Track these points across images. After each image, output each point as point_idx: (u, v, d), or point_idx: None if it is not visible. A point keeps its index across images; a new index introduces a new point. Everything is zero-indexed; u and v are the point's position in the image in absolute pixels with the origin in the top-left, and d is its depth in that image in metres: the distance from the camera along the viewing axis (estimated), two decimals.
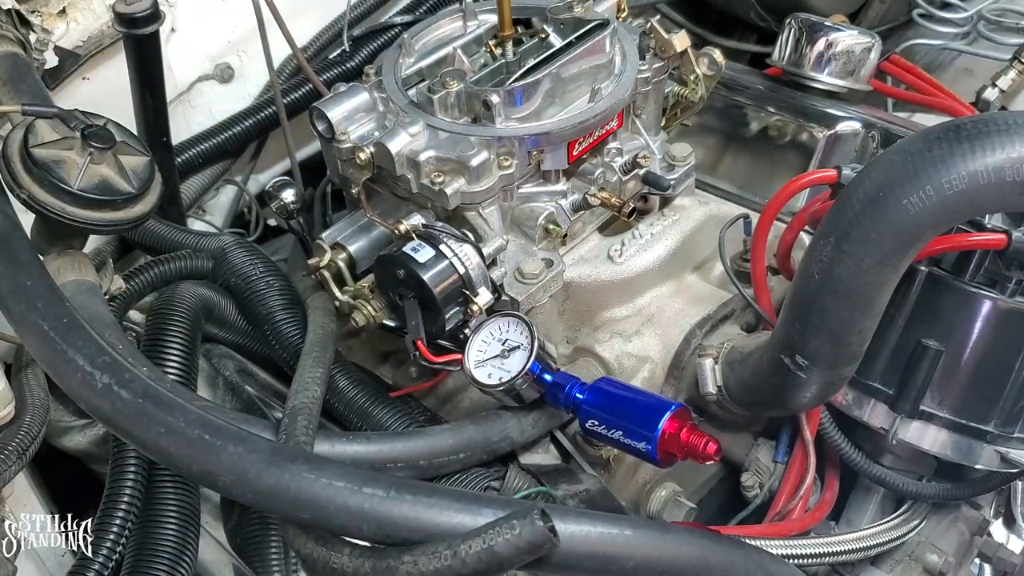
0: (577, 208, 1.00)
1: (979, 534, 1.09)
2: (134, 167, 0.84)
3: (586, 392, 0.86)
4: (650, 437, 0.81)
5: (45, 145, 0.80)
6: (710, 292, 1.08)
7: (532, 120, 0.95)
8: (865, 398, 0.95)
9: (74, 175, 0.80)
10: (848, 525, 1.05)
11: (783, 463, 1.03)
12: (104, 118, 0.85)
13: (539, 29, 1.05)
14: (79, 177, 0.80)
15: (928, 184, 0.71)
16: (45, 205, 0.79)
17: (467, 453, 0.87)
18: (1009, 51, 1.32)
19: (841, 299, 0.78)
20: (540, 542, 0.64)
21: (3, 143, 0.81)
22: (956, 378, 0.91)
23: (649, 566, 0.72)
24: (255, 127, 1.33)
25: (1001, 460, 0.92)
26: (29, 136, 0.80)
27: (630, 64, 1.01)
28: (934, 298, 0.90)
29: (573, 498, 0.89)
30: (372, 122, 0.98)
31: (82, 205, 0.80)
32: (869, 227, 0.74)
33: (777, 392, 0.89)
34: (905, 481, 1.00)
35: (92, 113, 0.85)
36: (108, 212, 0.82)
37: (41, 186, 0.79)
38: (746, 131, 1.27)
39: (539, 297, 0.95)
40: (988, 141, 0.70)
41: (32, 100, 0.87)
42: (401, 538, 0.66)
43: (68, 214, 0.80)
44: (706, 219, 1.08)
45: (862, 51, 1.19)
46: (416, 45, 1.04)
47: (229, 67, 1.37)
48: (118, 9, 1.01)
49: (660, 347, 1.02)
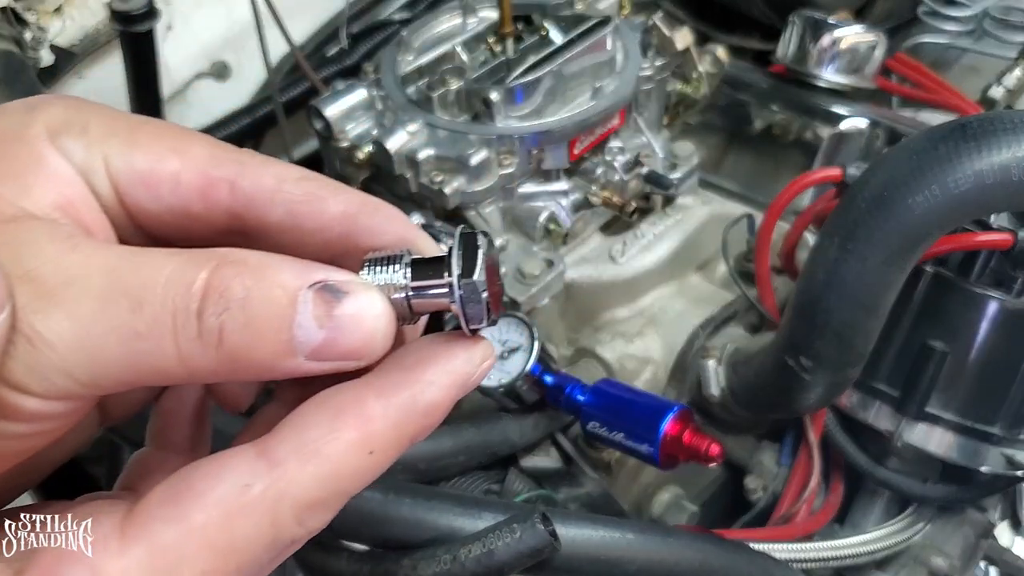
0: (578, 207, 0.99)
1: (985, 537, 1.08)
2: None
3: (587, 394, 0.86)
4: (652, 439, 0.81)
5: None
6: (713, 292, 1.07)
7: (533, 118, 0.94)
8: (870, 400, 0.94)
9: None
10: (853, 528, 1.04)
11: (787, 466, 1.02)
12: None
13: (540, 26, 1.04)
14: None
15: (934, 183, 0.70)
16: None
17: (467, 456, 0.86)
18: (1015, 49, 1.31)
19: (846, 299, 0.77)
20: (541, 546, 0.63)
21: None
22: (962, 380, 0.90)
23: (651, 570, 0.72)
24: (252, 125, 1.32)
25: (1007, 463, 0.91)
26: None
27: (632, 62, 1.01)
28: (939, 299, 0.89)
29: (574, 501, 0.88)
30: (370, 120, 0.97)
31: None
32: (874, 226, 0.73)
33: (781, 394, 0.88)
34: (910, 484, 0.99)
35: None
36: None
37: None
38: (750, 129, 1.26)
39: (540, 298, 0.94)
40: (994, 140, 0.69)
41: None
42: (400, 542, 0.66)
43: None
44: (709, 218, 1.07)
45: (867, 48, 1.18)
46: (415, 42, 1.04)
47: (226, 65, 1.36)
48: (114, 6, 1.00)
49: (663, 348, 1.01)
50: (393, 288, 0.36)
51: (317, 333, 0.33)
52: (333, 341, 0.33)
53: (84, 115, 0.38)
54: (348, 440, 0.33)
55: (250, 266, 0.33)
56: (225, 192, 0.37)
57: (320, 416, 0.34)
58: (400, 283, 0.36)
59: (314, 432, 0.33)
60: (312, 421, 0.34)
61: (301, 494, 0.33)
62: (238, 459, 0.33)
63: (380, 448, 0.34)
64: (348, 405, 0.34)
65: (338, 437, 0.33)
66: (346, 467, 0.33)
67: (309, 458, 0.33)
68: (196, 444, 0.44)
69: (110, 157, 0.37)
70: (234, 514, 0.32)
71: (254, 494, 0.32)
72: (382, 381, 0.35)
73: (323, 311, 0.33)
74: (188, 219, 0.38)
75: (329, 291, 0.33)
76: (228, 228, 0.38)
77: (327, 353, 0.33)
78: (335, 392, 0.35)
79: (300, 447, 0.33)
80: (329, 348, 0.33)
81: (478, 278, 0.35)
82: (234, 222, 0.38)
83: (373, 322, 0.34)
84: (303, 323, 0.33)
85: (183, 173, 0.37)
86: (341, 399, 0.34)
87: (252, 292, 0.32)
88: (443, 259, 0.36)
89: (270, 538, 0.33)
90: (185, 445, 0.44)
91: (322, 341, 0.33)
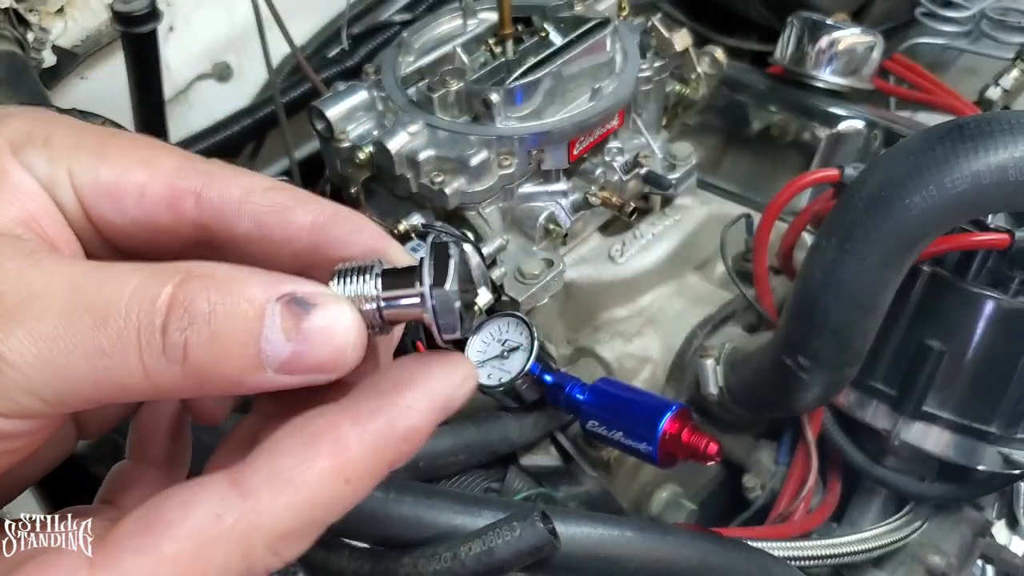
0: (578, 208, 1.00)
1: (981, 535, 1.08)
2: None
3: (586, 393, 0.86)
4: (651, 438, 0.81)
5: None
6: (711, 292, 1.08)
7: (532, 119, 0.94)
8: (867, 399, 0.95)
9: None
10: (850, 527, 1.05)
11: (785, 464, 1.02)
12: (102, 117, 0.85)
13: (539, 27, 1.04)
14: None
15: (931, 183, 0.71)
16: None
17: (467, 454, 0.86)
18: (1012, 50, 1.31)
19: (844, 299, 0.77)
20: (541, 544, 0.63)
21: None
22: (959, 379, 0.90)
23: (650, 568, 0.72)
24: (253, 126, 1.33)
25: (1004, 461, 0.91)
26: None
27: (631, 63, 1.01)
28: (937, 298, 0.90)
29: (574, 500, 0.89)
30: (371, 121, 0.97)
31: None
32: (872, 227, 0.74)
33: (779, 393, 0.88)
34: (908, 482, 0.99)
35: (90, 112, 0.84)
36: None
37: None
38: (748, 130, 1.27)
39: (539, 297, 0.95)
40: (991, 140, 0.69)
41: (30, 100, 0.87)
42: (400, 540, 0.66)
43: None
44: (708, 219, 1.08)
45: (864, 50, 1.18)
46: (415, 43, 1.04)
47: (228, 66, 1.36)
48: (116, 8, 1.01)
49: (661, 348, 1.02)
50: (364, 299, 0.35)
51: (285, 346, 0.32)
52: (302, 354, 0.32)
53: (48, 128, 0.37)
54: (323, 468, 0.32)
55: (216, 280, 0.32)
56: (191, 204, 0.37)
57: (294, 443, 0.33)
58: (371, 294, 0.35)
59: (287, 460, 0.32)
60: (286, 448, 0.33)
61: (274, 524, 0.32)
62: (210, 488, 0.32)
63: (356, 476, 0.33)
64: (323, 432, 0.33)
65: (312, 466, 0.32)
66: (321, 496, 0.32)
67: (282, 488, 0.32)
68: (174, 457, 0.44)
69: (75, 170, 0.37)
70: (206, 545, 0.31)
71: (226, 524, 0.32)
72: (358, 407, 0.34)
73: (291, 324, 0.32)
74: (155, 232, 0.38)
75: (298, 303, 0.32)
76: (196, 240, 0.38)
77: (296, 366, 0.33)
78: (310, 418, 0.34)
79: (273, 476, 0.32)
80: (298, 361, 0.32)
81: (450, 287, 0.35)
82: (202, 234, 0.38)
83: (343, 335, 0.33)
84: (271, 336, 0.32)
85: (149, 185, 0.37)
86: (316, 426, 0.33)
87: (218, 306, 0.32)
88: (415, 269, 0.36)
89: (242, 569, 0.32)
90: (163, 458, 0.43)
91: (290, 354, 0.32)
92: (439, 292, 0.35)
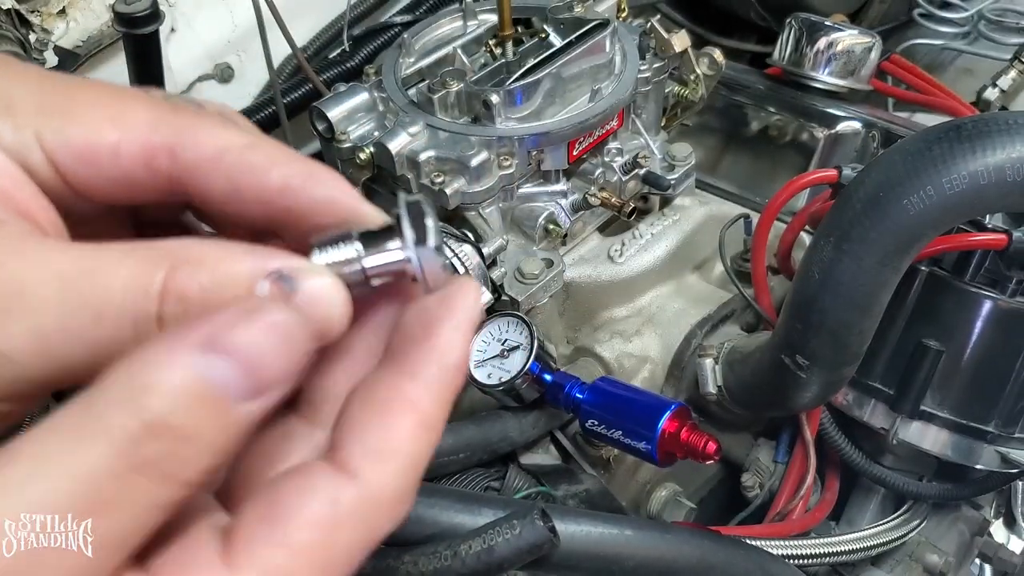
0: (577, 208, 1.00)
1: (979, 534, 1.09)
2: None
3: (586, 392, 0.86)
4: (650, 437, 0.81)
5: None
6: (710, 292, 1.08)
7: (532, 120, 0.95)
8: (865, 398, 0.95)
9: None
10: (848, 525, 1.05)
11: (783, 463, 1.03)
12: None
13: (539, 29, 1.05)
14: None
15: (929, 184, 0.71)
16: None
17: (467, 453, 0.87)
18: (1010, 51, 1.32)
19: (841, 299, 0.77)
20: (540, 542, 0.64)
21: None
22: (956, 378, 0.91)
23: (649, 566, 0.72)
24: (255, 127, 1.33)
25: (1002, 460, 0.92)
26: None
27: (630, 64, 1.01)
28: (934, 298, 0.90)
29: (573, 498, 0.89)
30: (372, 122, 0.97)
31: None
32: (869, 227, 0.74)
33: (777, 392, 0.89)
34: (906, 481, 1.00)
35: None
36: None
37: None
38: (746, 131, 1.27)
39: (539, 297, 0.95)
40: (989, 141, 0.70)
41: None
42: (400, 538, 0.66)
43: None
44: (706, 219, 1.08)
45: (862, 51, 1.19)
46: (416, 45, 1.04)
47: (229, 67, 1.37)
48: (118, 9, 1.01)
49: (660, 347, 1.02)
50: (347, 264, 0.36)
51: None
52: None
53: (8, 90, 0.36)
54: (409, 429, 0.34)
55: (205, 264, 0.33)
56: (166, 160, 0.37)
57: (371, 418, 0.34)
58: (353, 257, 0.36)
59: (375, 434, 0.34)
60: (367, 421, 0.34)
61: (389, 493, 0.33)
62: (316, 476, 0.33)
63: (435, 421, 0.34)
64: (392, 397, 0.34)
65: (400, 431, 0.34)
66: (416, 453, 0.34)
67: (384, 459, 0.33)
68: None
69: (43, 133, 0.35)
70: (334, 530, 0.32)
71: (346, 507, 0.33)
72: (408, 360, 0.35)
73: (280, 300, 0.33)
74: (132, 187, 0.37)
75: (284, 280, 0.33)
76: (173, 192, 0.38)
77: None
78: (371, 391, 0.35)
79: (367, 452, 0.33)
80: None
81: (431, 242, 0.36)
82: (178, 187, 0.37)
83: (328, 307, 0.34)
84: None
85: (122, 144, 0.36)
86: (382, 395, 0.34)
87: (209, 291, 0.33)
88: (392, 228, 0.36)
89: (368, 541, 0.34)
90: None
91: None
92: (421, 249, 0.36)
